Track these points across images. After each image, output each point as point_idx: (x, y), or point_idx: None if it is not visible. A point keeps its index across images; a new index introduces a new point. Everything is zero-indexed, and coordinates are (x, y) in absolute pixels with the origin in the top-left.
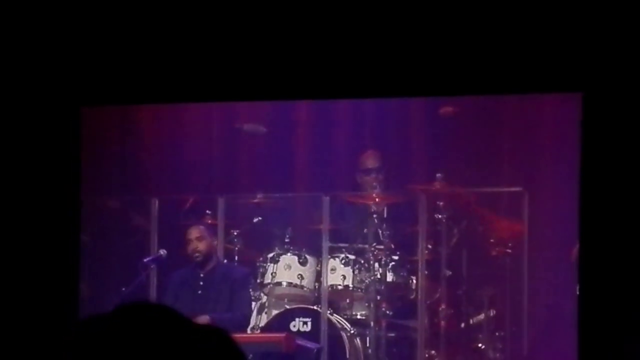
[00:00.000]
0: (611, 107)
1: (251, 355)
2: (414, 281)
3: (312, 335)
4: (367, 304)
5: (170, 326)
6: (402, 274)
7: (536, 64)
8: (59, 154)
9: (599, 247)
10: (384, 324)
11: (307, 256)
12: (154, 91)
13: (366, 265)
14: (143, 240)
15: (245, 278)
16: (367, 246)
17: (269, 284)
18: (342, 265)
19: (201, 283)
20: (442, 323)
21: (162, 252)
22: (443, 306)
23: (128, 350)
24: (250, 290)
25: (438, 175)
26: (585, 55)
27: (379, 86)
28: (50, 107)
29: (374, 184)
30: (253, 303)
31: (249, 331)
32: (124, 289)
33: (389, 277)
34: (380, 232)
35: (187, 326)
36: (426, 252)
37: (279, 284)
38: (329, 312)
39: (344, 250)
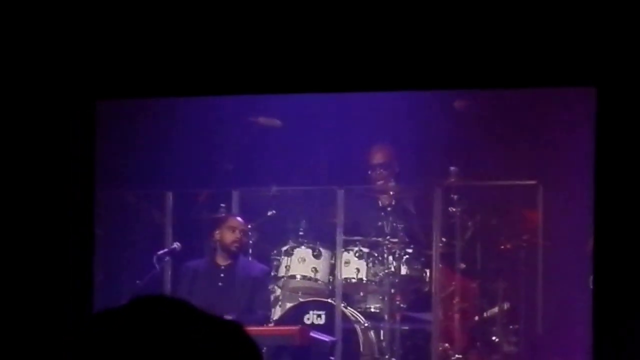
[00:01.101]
0: (625, 102)
1: (265, 348)
2: (428, 274)
3: (326, 328)
4: (381, 297)
5: (184, 319)
6: (416, 267)
7: (550, 58)
8: (74, 147)
9: (614, 240)
10: (398, 317)
11: (321, 249)
12: (168, 85)
13: (380, 258)
14: (157, 233)
15: (266, 276)
16: (381, 239)
17: (283, 277)
18: (356, 259)
19: (222, 275)
20: (456, 316)
21: (177, 245)
22: (457, 299)
23: (142, 344)
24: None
25: (452, 168)
26: (599, 50)
27: (393, 79)
28: (65, 101)
29: (380, 180)
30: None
31: (263, 324)
32: (138, 282)
33: (403, 270)
34: (394, 225)
35: (201, 319)
36: (440, 245)
37: (293, 277)
38: (343, 305)
39: (358, 243)
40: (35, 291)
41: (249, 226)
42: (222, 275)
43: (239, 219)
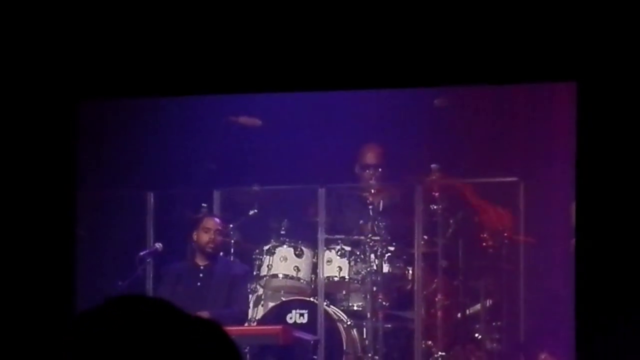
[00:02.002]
0: (606, 96)
1: (248, 348)
2: (410, 272)
3: (309, 327)
4: (363, 296)
5: (161, 318)
6: (398, 265)
7: (530, 53)
8: (56, 147)
9: (596, 235)
10: (380, 315)
11: (303, 248)
12: (150, 85)
13: (362, 256)
14: (139, 234)
15: (245, 275)
16: (363, 237)
17: (265, 276)
18: (338, 257)
19: (201, 275)
20: (439, 314)
21: (158, 245)
22: (439, 297)
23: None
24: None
25: (433, 166)
26: (579, 44)
27: (373, 77)
28: (47, 101)
29: (372, 180)
30: (250, 296)
31: (245, 324)
32: (120, 283)
33: (385, 269)
34: (376, 223)
35: (179, 318)
36: (422, 243)
37: (275, 276)
38: (325, 303)
39: (339, 241)
40: (16, 292)
41: (231, 225)
42: (201, 275)
43: (215, 219)
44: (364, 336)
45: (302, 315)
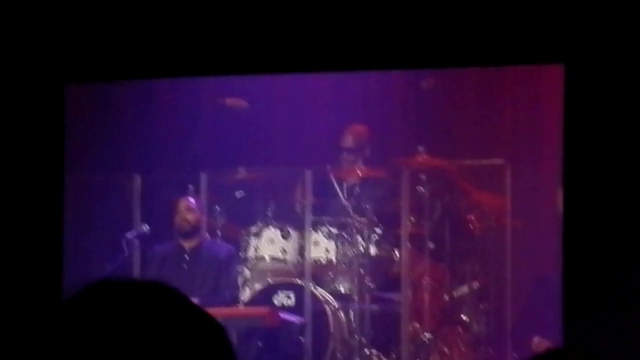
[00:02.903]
0: (593, 79)
1: (235, 330)
2: (398, 254)
3: (296, 309)
4: (350, 278)
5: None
6: (385, 247)
7: (517, 36)
8: (43, 131)
9: (583, 218)
10: (367, 297)
11: (290, 230)
12: (136, 67)
13: (349, 239)
14: (126, 217)
15: (230, 257)
16: (349, 220)
17: (251, 258)
18: (325, 239)
19: (187, 258)
20: (426, 296)
21: (145, 227)
22: (426, 279)
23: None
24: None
25: (420, 148)
26: (566, 26)
27: (359, 59)
28: (34, 85)
29: (358, 162)
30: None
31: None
32: (107, 265)
33: (372, 251)
34: (362, 205)
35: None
36: (409, 225)
37: (262, 258)
38: (312, 286)
39: (326, 223)
40: (3, 276)
41: (217, 208)
42: (187, 257)
43: (183, 199)
44: (351, 319)
45: (288, 297)
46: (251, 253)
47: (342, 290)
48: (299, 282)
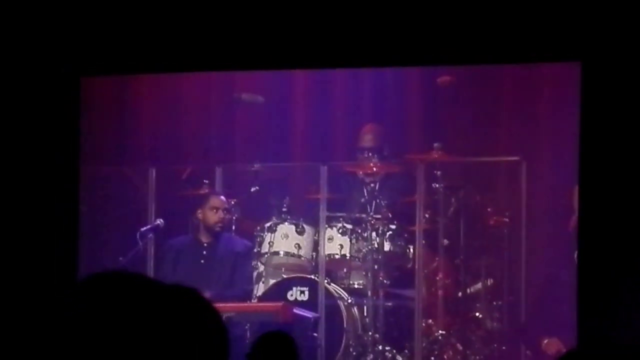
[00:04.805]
0: (610, 76)
1: (248, 325)
2: (412, 250)
3: (310, 304)
4: (364, 273)
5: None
6: (399, 243)
7: (535, 33)
8: (59, 124)
9: (598, 215)
10: (381, 293)
11: (305, 225)
12: (152, 61)
13: (363, 234)
14: (140, 210)
15: (248, 252)
16: (364, 216)
17: (266, 253)
18: (339, 235)
19: (204, 252)
20: (440, 292)
21: (160, 221)
22: (440, 275)
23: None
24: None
25: (436, 144)
26: (584, 24)
27: (376, 55)
28: (51, 78)
29: (374, 159)
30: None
31: (246, 301)
32: (121, 258)
33: (387, 247)
34: (377, 201)
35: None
36: (424, 221)
37: (277, 253)
38: (326, 281)
39: (341, 219)
40: (19, 267)
41: (233, 202)
42: (204, 252)
43: (221, 198)
44: (365, 314)
45: (302, 292)
46: (266, 248)
47: (356, 285)
48: (313, 277)
